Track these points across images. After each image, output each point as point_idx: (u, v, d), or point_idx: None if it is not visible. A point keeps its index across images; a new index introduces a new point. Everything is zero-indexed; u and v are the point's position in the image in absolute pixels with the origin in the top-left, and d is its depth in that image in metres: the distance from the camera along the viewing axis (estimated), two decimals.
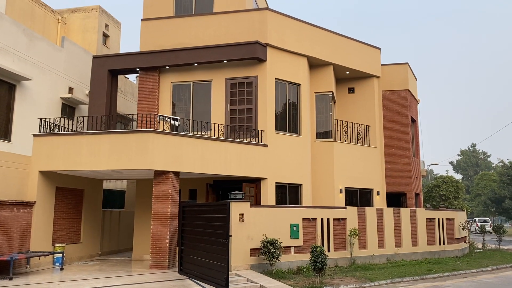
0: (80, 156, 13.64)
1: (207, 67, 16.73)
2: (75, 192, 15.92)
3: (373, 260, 15.79)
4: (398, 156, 22.27)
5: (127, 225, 19.63)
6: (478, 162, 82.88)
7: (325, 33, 18.46)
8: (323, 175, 17.75)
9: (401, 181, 22.01)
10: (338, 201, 17.50)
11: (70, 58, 19.01)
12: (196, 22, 17.14)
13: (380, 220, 16.49)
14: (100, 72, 17.33)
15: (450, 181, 32.85)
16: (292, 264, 13.89)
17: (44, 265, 13.95)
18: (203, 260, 11.47)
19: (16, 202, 13.07)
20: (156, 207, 13.74)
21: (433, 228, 18.19)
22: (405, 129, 22.56)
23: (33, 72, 16.61)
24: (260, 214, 13.50)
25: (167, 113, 16.52)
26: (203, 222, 11.83)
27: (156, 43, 17.22)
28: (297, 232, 14.19)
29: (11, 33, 15.91)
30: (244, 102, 16.34)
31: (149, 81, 16.99)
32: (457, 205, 31.17)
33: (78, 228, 16.03)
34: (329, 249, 14.84)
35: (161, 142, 13.51)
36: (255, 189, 15.74)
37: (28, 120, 16.07)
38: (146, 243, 15.89)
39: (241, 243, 12.89)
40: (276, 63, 16.64)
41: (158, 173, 13.78)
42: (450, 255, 18.41)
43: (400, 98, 22.87)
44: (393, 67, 23.07)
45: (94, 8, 21.85)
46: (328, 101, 18.53)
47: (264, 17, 16.59)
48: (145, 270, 13.49)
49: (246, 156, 15.20)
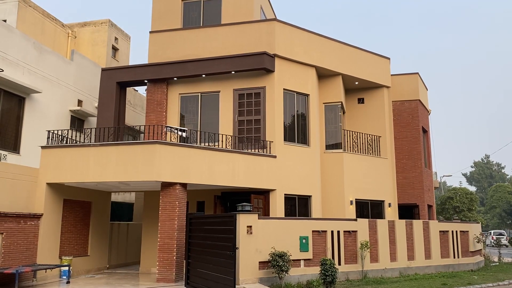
0: (88, 168, 13.59)
1: (215, 78, 16.69)
2: (83, 205, 15.85)
3: (385, 274, 15.38)
4: (410, 167, 21.88)
5: (135, 238, 19.48)
6: (492, 174, 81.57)
7: (334, 43, 18.36)
8: (333, 187, 17.47)
9: (413, 193, 21.58)
10: (349, 213, 17.17)
11: (79, 71, 19.16)
12: (204, 34, 17.17)
13: (392, 233, 16.11)
14: (108, 84, 17.40)
15: (464, 192, 32.21)
16: (302, 277, 13.57)
17: (51, 278, 13.82)
18: (210, 273, 11.25)
19: (23, 214, 13.02)
20: (163, 219, 13.58)
21: (447, 240, 17.72)
22: (417, 140, 22.20)
23: (42, 85, 16.75)
24: (268, 226, 13.25)
25: (175, 125, 16.47)
26: (210, 234, 11.63)
27: (164, 55, 17.26)
28: (306, 244, 13.89)
29: (21, 46, 16.10)
30: (252, 113, 16.22)
31: (157, 93, 16.98)
32: (471, 217, 30.49)
33: (85, 241, 15.92)
34: (339, 262, 14.49)
35: (168, 153, 13.40)
36: (263, 201, 15.52)
37: (37, 133, 16.14)
38: (153, 256, 15.70)
39: (249, 255, 12.63)
40: (284, 73, 16.54)
41: (165, 185, 13.66)
42: (465, 268, 17.88)
43: (411, 109, 22.57)
44: (403, 77, 22.83)
45: (103, 22, 22.11)
46: (337, 112, 18.33)
47: (272, 28, 16.56)
48: (152, 283, 13.29)
49: (254, 167, 15.02)
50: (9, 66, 15.39)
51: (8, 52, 15.49)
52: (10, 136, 15.54)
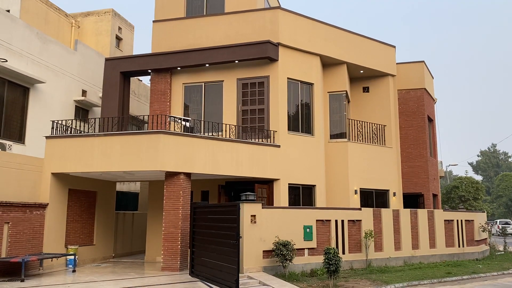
0: (92, 158, 13.63)
1: (218, 68, 16.61)
2: (88, 194, 15.94)
3: (389, 263, 15.39)
4: (415, 156, 21.76)
5: (140, 227, 19.61)
6: (499, 163, 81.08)
7: (338, 31, 18.17)
8: (337, 176, 17.43)
9: (418, 182, 21.50)
10: (353, 203, 17.15)
11: (83, 61, 19.14)
12: (207, 23, 17.05)
13: (397, 222, 16.09)
14: (112, 74, 17.36)
15: (470, 182, 32.04)
16: (306, 266, 13.62)
17: (57, 267, 13.97)
18: (214, 262, 11.30)
19: (29, 204, 13.11)
20: (167, 209, 13.64)
21: (452, 230, 17.68)
22: (422, 129, 22.06)
23: (46, 75, 16.75)
24: (272, 215, 13.27)
25: (179, 115, 16.45)
26: (214, 224, 11.66)
27: (167, 44, 17.18)
28: (310, 234, 13.91)
29: (25, 36, 16.08)
30: (256, 102, 16.16)
31: (161, 82, 16.94)
32: (477, 206, 30.37)
33: (91, 230, 16.04)
34: (344, 251, 14.52)
35: (172, 143, 13.41)
36: (267, 190, 15.53)
37: (42, 123, 16.19)
38: (159, 245, 15.79)
39: (253, 245, 12.68)
40: (288, 62, 16.42)
41: (169, 175, 13.68)
42: (470, 257, 17.85)
43: (417, 97, 22.39)
44: (409, 65, 22.62)
45: (107, 12, 22.00)
46: (342, 101, 18.21)
47: (276, 16, 16.40)
48: (157, 272, 13.39)
49: (258, 157, 15.00)
50: (13, 56, 15.39)
51: (12, 42, 15.48)
52: (15, 127, 15.60)
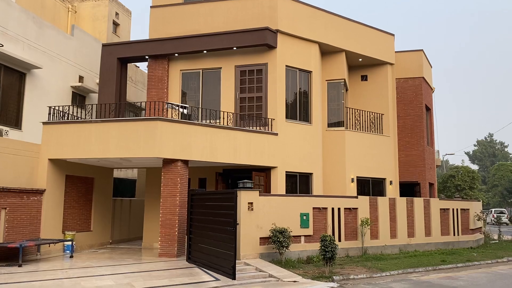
0: (89, 144, 13.60)
1: (216, 55, 16.50)
2: (85, 180, 15.94)
3: (385, 250, 15.53)
4: (412, 145, 21.82)
5: (137, 214, 19.66)
6: (495, 153, 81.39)
7: (338, 19, 18.05)
8: (334, 164, 17.48)
9: (415, 171, 21.59)
10: (350, 191, 17.23)
11: (80, 46, 18.97)
12: (205, 9, 16.88)
13: (393, 210, 16.20)
14: (109, 60, 17.23)
15: (466, 171, 32.23)
16: (302, 253, 13.73)
17: (55, 252, 14.03)
18: (211, 248, 11.38)
19: (26, 190, 13.11)
20: (165, 196, 13.67)
21: (447, 218, 17.83)
22: (420, 118, 22.08)
23: (43, 61, 16.60)
24: (269, 203, 13.33)
25: (176, 101, 16.39)
26: (211, 211, 11.71)
27: (165, 30, 17.03)
28: (307, 221, 13.99)
29: (20, 21, 15.89)
30: (254, 90, 16.10)
31: (158, 69, 16.84)
32: (472, 195, 30.58)
33: (88, 216, 16.07)
34: (340, 239, 14.63)
35: (169, 130, 13.38)
36: (265, 178, 15.56)
37: (39, 109, 16.10)
38: (156, 231, 15.84)
39: (250, 232, 12.75)
40: (286, 50, 16.33)
41: (166, 162, 13.68)
42: (465, 246, 18.03)
43: (415, 86, 22.36)
44: (407, 54, 22.53)
45: None
46: (340, 89, 18.17)
47: (275, 3, 16.25)
48: (154, 258, 13.47)
49: (255, 144, 15.00)
50: (9, 41, 15.23)
51: (8, 27, 15.31)
52: (11, 112, 15.52)
